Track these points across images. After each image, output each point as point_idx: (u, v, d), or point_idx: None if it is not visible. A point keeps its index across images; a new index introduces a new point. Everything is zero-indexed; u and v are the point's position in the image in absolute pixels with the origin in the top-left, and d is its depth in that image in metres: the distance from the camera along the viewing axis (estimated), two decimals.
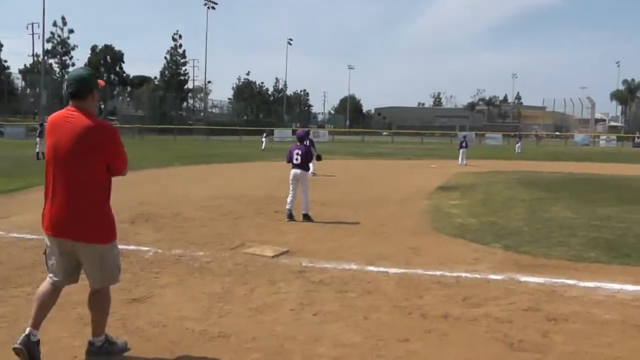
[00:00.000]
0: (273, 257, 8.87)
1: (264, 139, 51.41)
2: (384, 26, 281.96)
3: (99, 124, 4.58)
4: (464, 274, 7.97)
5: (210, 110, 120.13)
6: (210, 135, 76.72)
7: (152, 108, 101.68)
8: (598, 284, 7.54)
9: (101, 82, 4.89)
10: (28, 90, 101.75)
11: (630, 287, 7.42)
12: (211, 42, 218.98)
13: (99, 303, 4.88)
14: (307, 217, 12.29)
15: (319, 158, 15.15)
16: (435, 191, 18.62)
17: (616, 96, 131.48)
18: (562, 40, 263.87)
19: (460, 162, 33.13)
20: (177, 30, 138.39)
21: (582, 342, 5.59)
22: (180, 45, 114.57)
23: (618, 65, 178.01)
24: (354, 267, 8.35)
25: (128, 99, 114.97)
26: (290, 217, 12.29)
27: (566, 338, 5.67)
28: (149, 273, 7.78)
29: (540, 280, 7.71)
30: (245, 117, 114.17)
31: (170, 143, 59.63)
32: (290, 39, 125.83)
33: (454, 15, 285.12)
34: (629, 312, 6.46)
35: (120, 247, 5.08)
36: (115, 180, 4.83)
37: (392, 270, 8.14)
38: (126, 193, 15.55)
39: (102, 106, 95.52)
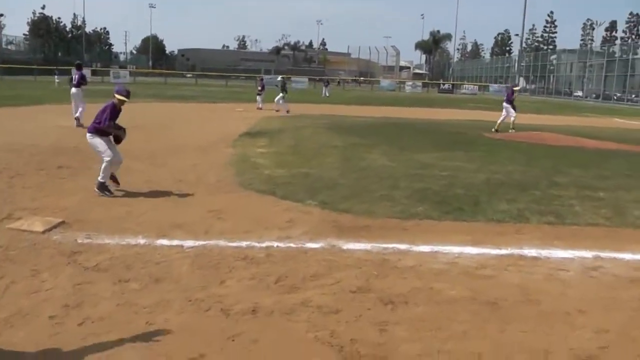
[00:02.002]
0: (43, 232, 6.92)
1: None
2: None
3: None
4: (275, 244, 6.57)
5: (5, 47, 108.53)
6: (5, 75, 68.50)
7: None
8: (434, 248, 6.54)
9: None
10: None
11: (471, 250, 6.51)
12: None
13: None
14: (101, 188, 9.03)
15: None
16: (240, 137, 17.07)
17: (421, 46, 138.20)
18: None
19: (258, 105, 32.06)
20: None
21: (429, 334, 4.47)
22: None
23: (422, 18, 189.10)
24: (141, 241, 6.63)
25: None
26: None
27: (410, 330, 4.51)
28: None
29: (367, 246, 6.54)
30: (42, 55, 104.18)
31: None
32: None
33: None
34: (476, 285, 5.46)
35: None
36: None
37: (188, 244, 6.54)
38: None
39: None
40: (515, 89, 23.48)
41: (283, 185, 9.86)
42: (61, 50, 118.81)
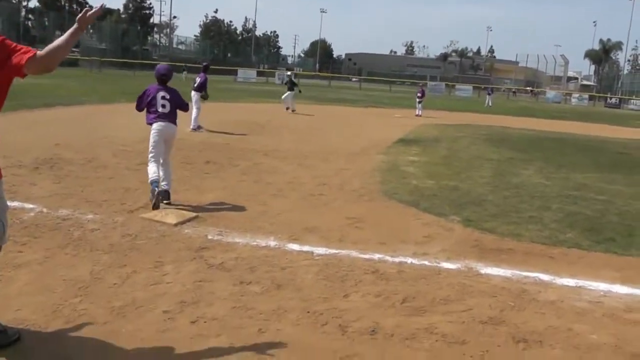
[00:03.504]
0: (176, 224, 7.05)
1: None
2: None
3: None
4: (409, 260, 6.21)
5: (176, 47, 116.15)
6: (174, 72, 72.81)
7: (114, 41, 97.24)
8: (579, 282, 5.86)
9: None
10: None
11: (619, 289, 5.75)
12: None
13: None
14: (166, 195, 7.90)
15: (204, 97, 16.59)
16: (394, 144, 16.82)
17: (590, 55, 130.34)
18: None
19: (417, 112, 31.63)
20: None
21: None
22: None
23: (595, 25, 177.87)
24: (271, 243, 6.53)
25: (91, 31, 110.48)
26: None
27: None
28: (14, 244, 5.73)
29: (507, 273, 6.01)
30: (212, 56, 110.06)
31: (127, 78, 56.22)
32: None
33: None
34: (622, 331, 4.78)
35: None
36: (37, 117, 3.02)
37: (319, 251, 6.34)
38: (45, 131, 13.98)
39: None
40: None
41: (428, 198, 9.45)
42: (231, 52, 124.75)
